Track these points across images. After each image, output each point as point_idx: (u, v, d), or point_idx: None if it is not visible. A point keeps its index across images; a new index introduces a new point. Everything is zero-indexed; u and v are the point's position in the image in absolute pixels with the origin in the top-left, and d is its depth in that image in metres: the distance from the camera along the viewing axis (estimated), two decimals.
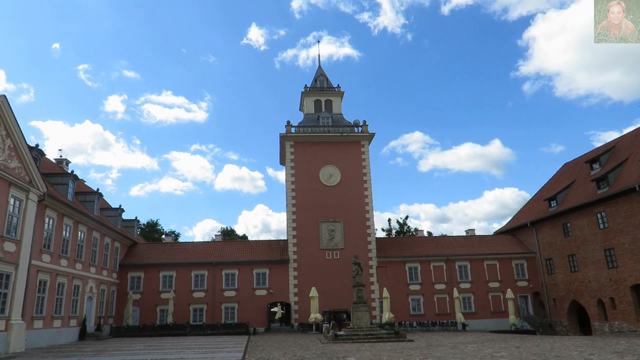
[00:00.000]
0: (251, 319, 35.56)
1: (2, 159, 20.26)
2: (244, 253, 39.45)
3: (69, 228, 27.88)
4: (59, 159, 36.97)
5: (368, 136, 41.91)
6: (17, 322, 20.93)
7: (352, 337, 24.30)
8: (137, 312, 35.82)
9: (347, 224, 39.31)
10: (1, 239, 20.07)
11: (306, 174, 40.41)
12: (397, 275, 38.61)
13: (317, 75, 47.95)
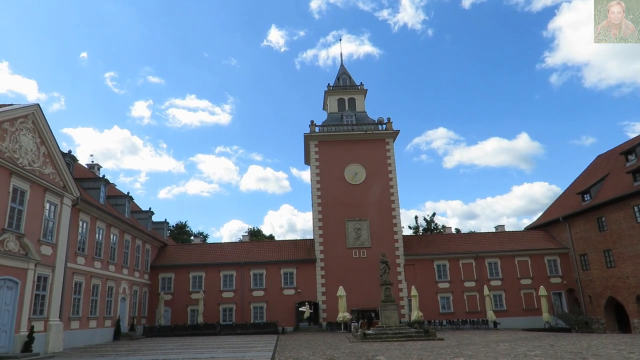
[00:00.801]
0: (280, 319, 35.80)
1: (38, 166, 20.99)
2: (271, 253, 39.74)
3: (102, 231, 28.67)
4: (90, 164, 38.10)
5: (392, 133, 41.56)
6: (55, 323, 21.66)
7: (381, 335, 24.15)
8: (168, 313, 36.56)
9: (373, 222, 39.09)
10: (38, 242, 20.80)
11: (331, 173, 40.39)
12: (426, 273, 38.17)
13: (339, 73, 47.85)
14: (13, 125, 19.29)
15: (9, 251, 18.43)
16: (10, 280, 18.65)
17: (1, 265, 17.96)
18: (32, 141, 20.72)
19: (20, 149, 19.70)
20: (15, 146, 19.31)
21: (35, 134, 20.99)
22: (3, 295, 18.22)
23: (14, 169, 19.02)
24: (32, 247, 19.78)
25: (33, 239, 20.25)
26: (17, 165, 19.22)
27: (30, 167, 20.27)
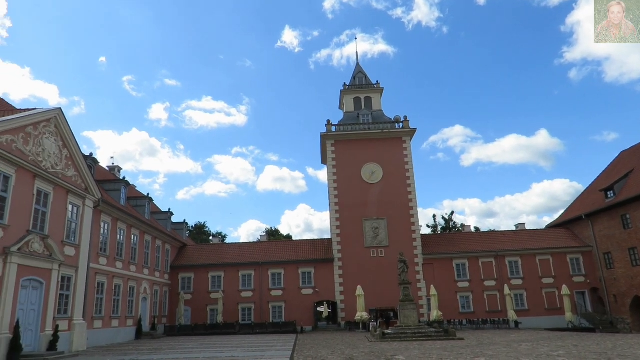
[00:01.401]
0: (298, 318, 35.90)
1: (60, 168, 21.46)
2: (289, 253, 39.87)
3: (123, 232, 29.16)
4: (111, 167, 38.80)
5: (409, 132, 41.28)
6: (78, 322, 22.13)
7: (400, 335, 24.02)
8: (188, 312, 37.00)
9: (391, 222, 38.89)
10: (62, 243, 21.27)
11: (348, 173, 40.32)
12: (445, 273, 37.80)
13: (355, 72, 47.74)
14: (36, 129, 19.76)
15: (34, 252, 18.89)
16: (36, 280, 19.12)
17: (27, 266, 18.42)
18: (55, 144, 21.19)
19: (44, 152, 20.16)
20: (38, 149, 19.77)
21: (57, 138, 21.46)
22: (29, 295, 18.69)
23: (38, 172, 19.48)
24: (56, 248, 20.24)
25: (57, 240, 20.71)
26: (40, 168, 19.67)
27: (53, 170, 20.73)
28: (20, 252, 17.88)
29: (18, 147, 18.33)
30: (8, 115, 18.16)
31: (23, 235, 18.24)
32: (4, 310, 16.87)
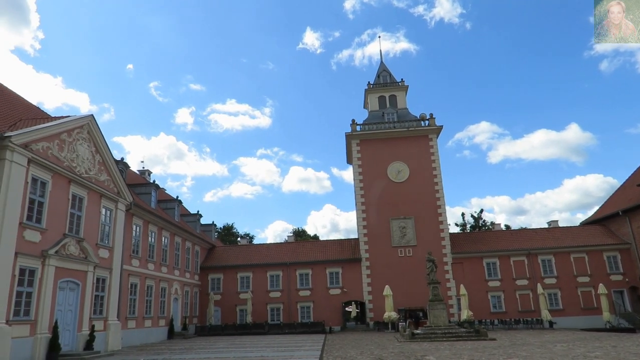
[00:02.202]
0: (326, 318, 35.93)
1: (94, 173, 22.13)
2: (316, 253, 39.95)
3: (154, 234, 29.85)
4: (141, 170, 39.74)
5: (436, 129, 40.75)
6: (113, 322, 22.77)
7: (430, 335, 23.74)
8: (218, 312, 37.55)
9: (419, 220, 38.47)
10: (96, 246, 21.93)
11: (374, 172, 40.11)
12: (475, 272, 37.13)
13: (379, 71, 47.46)
14: (70, 135, 20.44)
15: (70, 255, 19.54)
16: (73, 282, 19.78)
17: (64, 268, 19.08)
18: (88, 150, 21.86)
19: (78, 158, 20.83)
20: (72, 155, 20.44)
21: (90, 143, 22.14)
22: (66, 296, 19.35)
23: (73, 177, 20.14)
24: (90, 251, 20.89)
25: (91, 242, 21.37)
26: (75, 174, 20.34)
27: (87, 174, 21.40)
28: (57, 254, 18.53)
29: (53, 153, 19.00)
30: (43, 123, 18.84)
31: (60, 239, 18.89)
32: (43, 310, 17.53)
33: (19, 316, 16.40)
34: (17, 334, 16.01)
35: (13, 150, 16.29)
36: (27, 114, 20.99)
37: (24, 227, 16.85)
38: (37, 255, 17.49)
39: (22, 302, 16.59)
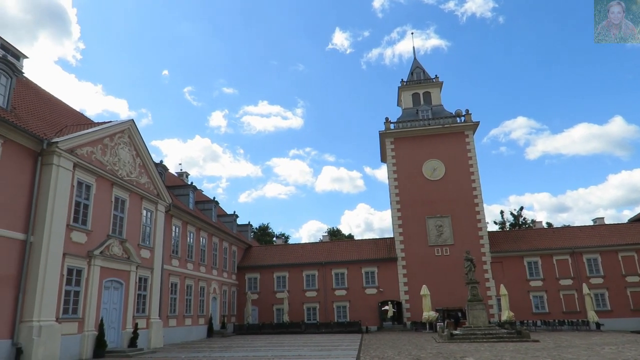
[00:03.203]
0: (363, 318, 35.77)
1: (135, 176, 22.89)
2: (352, 252, 39.84)
3: (192, 235, 30.57)
4: (179, 173, 40.82)
5: (472, 125, 39.83)
6: (155, 321, 23.47)
7: (469, 336, 23.23)
8: (256, 311, 38.07)
9: (456, 219, 37.71)
10: (138, 247, 22.67)
11: (409, 170, 39.63)
12: (515, 271, 36.06)
13: (413, 68, 46.84)
14: (112, 140, 21.21)
15: (114, 255, 20.28)
16: (117, 281, 20.53)
17: (108, 268, 19.83)
18: (129, 154, 22.62)
19: (119, 161, 21.59)
20: (115, 159, 21.21)
21: (131, 147, 22.90)
22: (111, 295, 20.10)
23: (115, 180, 20.90)
24: (133, 251, 21.61)
25: (133, 243, 22.10)
26: (117, 177, 21.09)
27: (128, 177, 22.15)
28: (102, 255, 19.28)
29: (97, 157, 19.77)
30: (87, 128, 19.63)
31: (104, 240, 19.64)
32: (90, 309, 18.27)
33: (68, 314, 17.16)
34: (66, 331, 16.76)
35: (60, 155, 17.06)
36: (72, 120, 21.94)
37: (70, 229, 17.61)
38: (84, 256, 18.25)
39: (70, 300, 17.35)
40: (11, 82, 16.53)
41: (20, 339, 14.84)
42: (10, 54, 21.52)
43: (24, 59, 22.86)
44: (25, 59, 22.96)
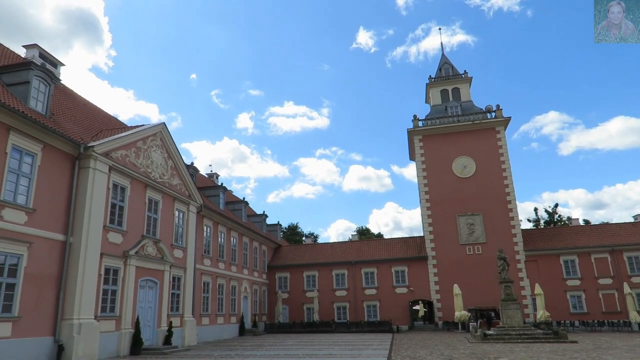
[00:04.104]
0: (393, 317, 35.49)
1: (167, 178, 23.43)
2: (381, 251, 39.59)
3: (223, 235, 31.05)
4: (210, 174, 41.53)
5: (503, 121, 38.91)
6: (189, 319, 23.97)
7: (504, 336, 22.73)
8: (286, 310, 38.35)
9: (488, 217, 36.93)
10: (171, 247, 23.20)
11: (438, 168, 39.07)
12: (551, 270, 35.02)
13: (441, 64, 46.13)
14: (145, 143, 21.78)
15: (149, 255, 20.82)
16: (151, 280, 21.07)
17: (143, 267, 20.37)
18: (161, 156, 23.18)
19: (152, 163, 22.15)
20: (148, 162, 21.77)
21: (163, 150, 23.45)
22: (146, 294, 20.64)
23: (148, 182, 21.45)
24: (166, 251, 22.13)
25: (167, 243, 22.64)
26: (150, 179, 21.65)
27: (161, 179, 22.70)
28: (137, 255, 19.83)
29: (131, 160, 20.34)
30: (121, 132, 20.22)
31: (138, 240, 20.19)
32: (126, 307, 18.83)
33: (106, 312, 17.73)
34: (104, 328, 17.33)
35: (96, 159, 17.65)
36: (107, 124, 22.65)
37: (107, 230, 18.19)
38: (120, 256, 18.82)
39: (107, 299, 17.93)
40: (49, 89, 17.20)
41: (62, 336, 15.45)
42: (48, 62, 22.39)
43: (60, 66, 23.73)
44: (62, 67, 23.84)
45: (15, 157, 14.72)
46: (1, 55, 18.74)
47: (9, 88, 15.97)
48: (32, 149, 15.32)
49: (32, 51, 21.88)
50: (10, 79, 16.20)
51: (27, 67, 16.38)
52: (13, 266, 14.19)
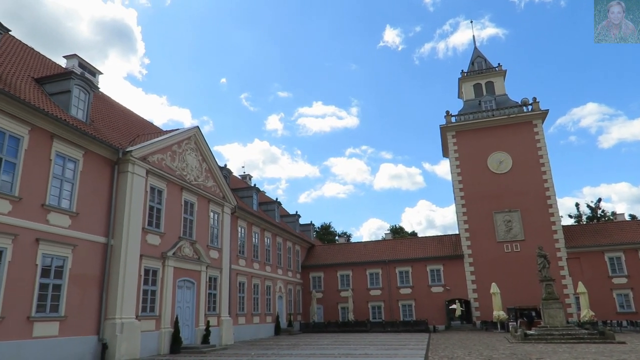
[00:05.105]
0: (429, 317, 34.96)
1: (201, 180, 23.90)
2: (415, 250, 39.08)
3: (257, 235, 31.41)
4: (242, 175, 42.12)
5: (540, 114, 37.66)
6: (225, 318, 24.37)
7: (545, 336, 21.99)
8: (321, 310, 38.41)
9: (526, 213, 35.83)
10: (207, 247, 23.65)
11: (473, 164, 38.21)
12: (595, 267, 33.62)
13: (473, 57, 45.11)
14: (180, 146, 22.29)
15: (186, 256, 21.30)
16: (189, 281, 21.54)
17: (181, 268, 20.85)
18: (196, 159, 23.66)
19: (187, 166, 22.64)
20: (183, 165, 22.27)
21: (197, 153, 23.93)
22: (184, 294, 21.12)
23: (184, 184, 21.94)
24: (202, 252, 22.57)
25: (202, 244, 23.09)
26: (186, 181, 22.13)
27: (195, 182, 23.17)
28: (174, 256, 20.32)
29: (167, 164, 20.86)
30: (157, 137, 20.77)
31: (176, 241, 20.68)
32: (165, 307, 19.32)
33: (146, 312, 18.25)
34: (145, 328, 17.84)
35: (134, 163, 18.19)
36: (143, 129, 23.31)
37: (146, 232, 18.71)
38: (158, 257, 19.32)
39: (147, 299, 18.45)
40: (89, 97, 17.85)
41: (105, 335, 16.02)
42: (87, 71, 23.26)
43: (98, 75, 24.61)
44: (99, 75, 24.71)
45: (59, 163, 15.36)
46: (44, 66, 19.58)
47: (51, 97, 16.68)
48: (74, 155, 15.94)
49: (72, 61, 22.80)
50: (53, 89, 16.91)
51: (68, 77, 17.05)
52: (59, 268, 14.81)
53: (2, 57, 16.39)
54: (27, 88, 15.46)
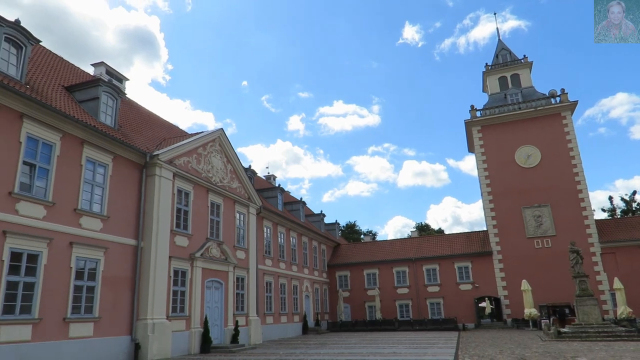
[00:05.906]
0: (458, 315, 34.46)
1: (227, 181, 24.18)
2: (442, 247, 38.59)
3: (283, 235, 31.59)
4: (267, 176, 42.43)
5: (569, 105, 36.62)
6: (253, 318, 24.60)
7: (580, 334, 21.37)
8: (348, 309, 38.36)
9: (556, 208, 34.90)
10: (234, 248, 23.92)
11: (500, 158, 37.45)
12: (632, 262, 32.45)
13: (497, 50, 44.21)
14: (205, 149, 22.60)
15: (213, 257, 21.59)
16: (217, 281, 21.83)
17: (209, 269, 21.15)
18: (221, 161, 23.95)
19: (213, 168, 22.94)
20: (208, 167, 22.57)
21: (222, 155, 24.22)
22: (212, 294, 21.42)
23: (210, 186, 22.24)
24: (229, 252, 22.84)
25: (229, 245, 23.36)
26: (211, 183, 22.43)
27: (221, 183, 23.46)
28: (202, 257, 20.62)
29: (193, 166, 21.18)
30: (182, 140, 21.11)
31: (203, 242, 20.99)
32: (195, 307, 19.64)
33: (176, 312, 18.59)
34: (175, 328, 18.18)
35: (161, 167, 18.55)
36: (169, 133, 23.75)
37: (174, 234, 19.05)
38: (187, 258, 19.65)
39: (177, 300, 18.79)
40: (117, 103, 18.28)
41: (138, 335, 16.39)
42: (114, 78, 23.83)
43: (125, 81, 25.18)
44: (126, 81, 25.28)
45: (90, 168, 15.79)
46: (73, 74, 20.16)
47: (81, 104, 17.15)
48: (104, 160, 16.36)
49: (99, 69, 23.41)
50: (82, 96, 17.39)
51: (96, 84, 17.51)
52: (92, 270, 15.23)
53: (34, 67, 16.95)
54: (58, 96, 15.95)
